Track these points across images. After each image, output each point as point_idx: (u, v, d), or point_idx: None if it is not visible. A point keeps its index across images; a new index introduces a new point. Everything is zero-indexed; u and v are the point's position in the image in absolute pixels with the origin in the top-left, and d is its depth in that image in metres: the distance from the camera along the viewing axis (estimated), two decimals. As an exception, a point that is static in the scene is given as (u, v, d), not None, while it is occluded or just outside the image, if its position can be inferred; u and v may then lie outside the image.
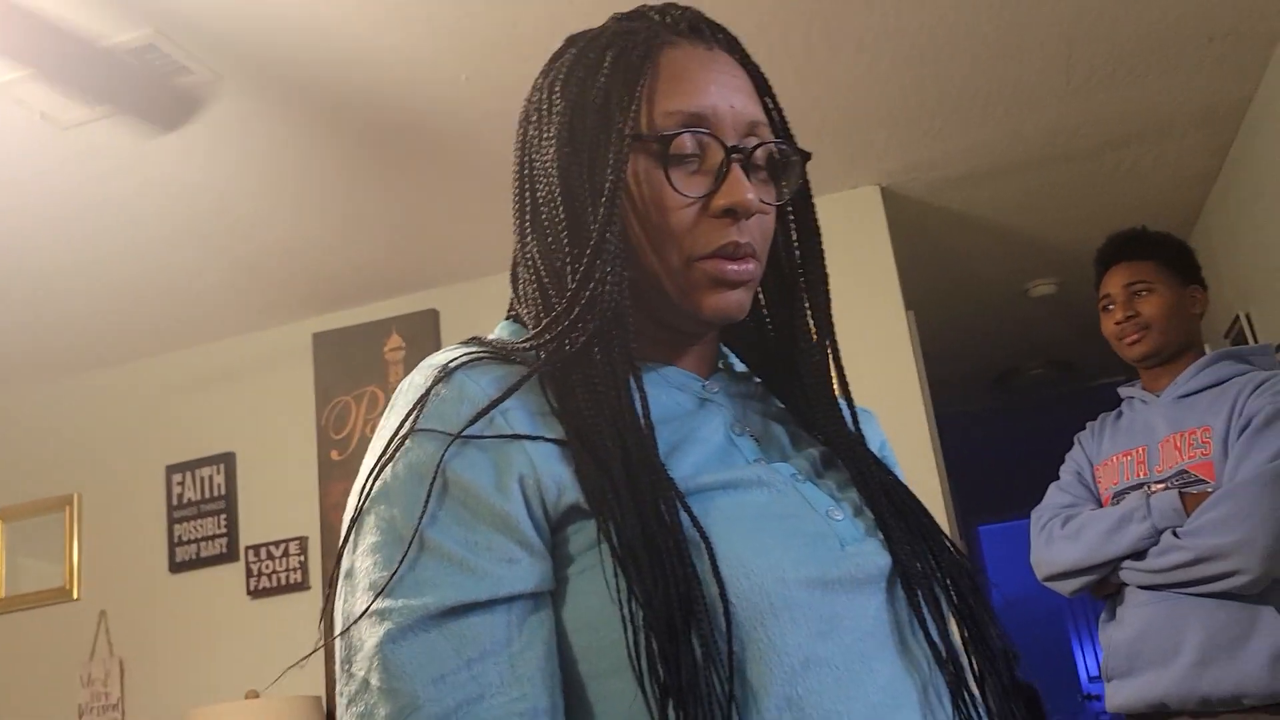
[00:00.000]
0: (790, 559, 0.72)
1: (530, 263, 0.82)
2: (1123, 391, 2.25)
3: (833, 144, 3.04)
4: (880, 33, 2.51)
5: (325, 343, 3.66)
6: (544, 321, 0.79)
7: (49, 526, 3.79)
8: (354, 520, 0.74)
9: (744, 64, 0.87)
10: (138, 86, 2.37)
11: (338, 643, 0.72)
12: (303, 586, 3.49)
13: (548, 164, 0.81)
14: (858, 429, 0.89)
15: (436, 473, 0.71)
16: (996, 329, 4.79)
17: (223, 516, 3.63)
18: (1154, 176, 3.45)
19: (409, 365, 3.52)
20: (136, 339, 3.74)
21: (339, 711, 0.71)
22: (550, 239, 0.81)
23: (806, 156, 0.87)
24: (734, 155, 0.80)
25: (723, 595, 0.68)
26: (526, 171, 0.84)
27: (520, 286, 0.85)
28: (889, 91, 2.78)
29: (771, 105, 0.89)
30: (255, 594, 3.53)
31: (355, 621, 0.70)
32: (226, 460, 3.68)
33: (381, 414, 0.80)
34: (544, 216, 0.81)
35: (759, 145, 0.83)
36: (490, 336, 0.86)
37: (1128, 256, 2.20)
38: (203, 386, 3.78)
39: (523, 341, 0.80)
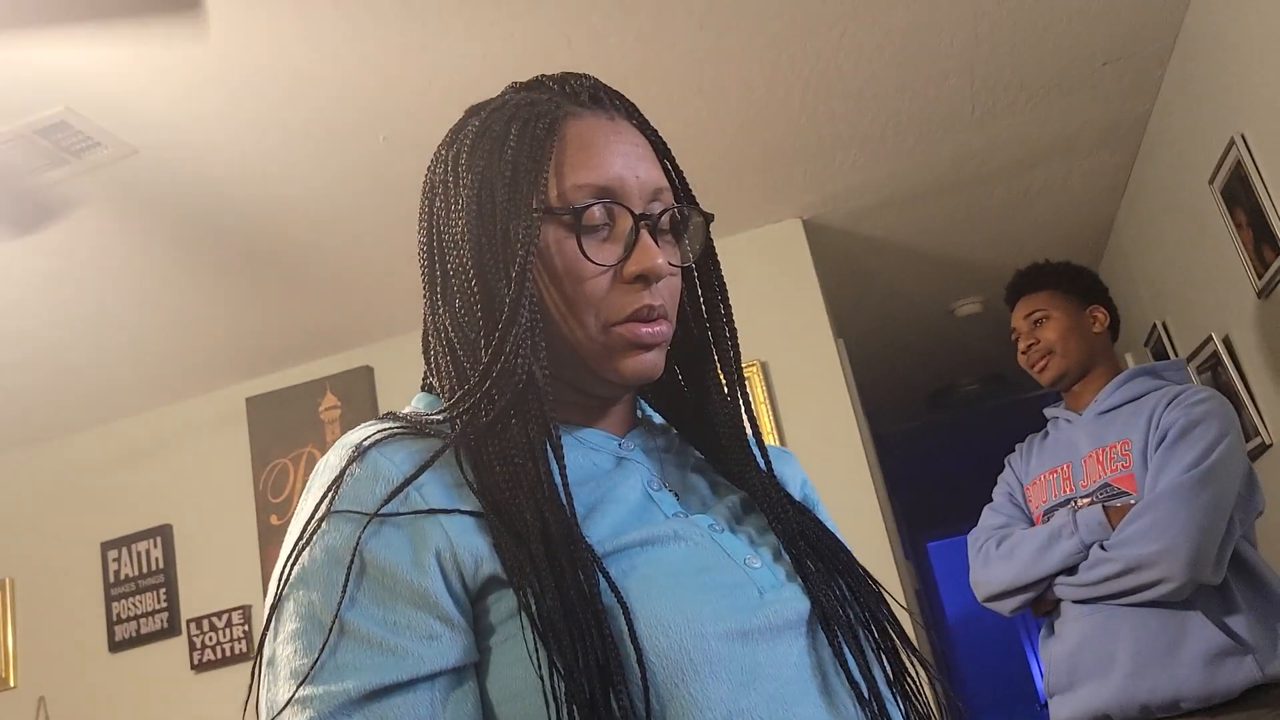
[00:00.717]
0: (708, 612, 0.73)
1: (443, 334, 0.83)
2: (1048, 412, 2.32)
3: (754, 180, 3.09)
4: (791, 71, 2.57)
5: (259, 406, 3.62)
6: (458, 394, 0.80)
7: (-19, 613, 3.68)
8: (274, 606, 0.74)
9: (643, 130, 0.90)
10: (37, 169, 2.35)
11: None
12: (247, 656, 3.42)
13: (457, 236, 0.82)
14: (772, 473, 0.91)
15: (354, 555, 0.71)
16: (927, 349, 4.88)
17: (162, 590, 3.55)
18: (1064, 194, 3.55)
19: (345, 423, 3.49)
20: (64, 413, 3.67)
21: None
22: (463, 311, 0.81)
23: (709, 218, 0.89)
24: (642, 223, 0.83)
25: (640, 657, 0.69)
26: (435, 243, 0.85)
27: (433, 358, 0.86)
28: (805, 127, 2.84)
29: (671, 168, 0.91)
30: (199, 667, 3.46)
31: (279, 713, 0.69)
32: (163, 532, 3.61)
33: None
34: (455, 288, 0.82)
35: (664, 211, 0.85)
36: (405, 410, 0.87)
37: (1027, 290, 2.32)
38: (135, 458, 3.72)
39: (437, 413, 0.81)
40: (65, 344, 3.19)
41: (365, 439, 0.78)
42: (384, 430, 0.79)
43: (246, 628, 3.45)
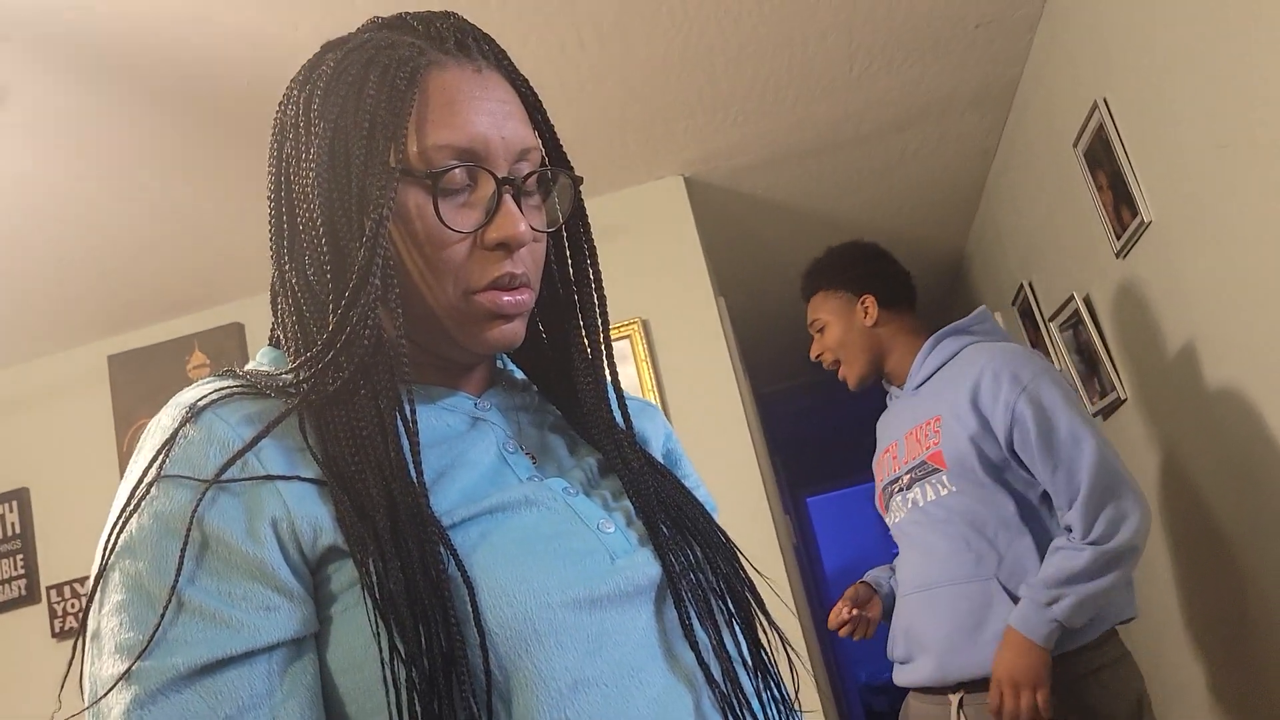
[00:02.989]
0: (556, 581, 0.72)
1: (290, 292, 0.79)
2: (886, 387, 2.39)
3: (635, 137, 3.08)
4: (671, 26, 2.55)
5: (122, 364, 3.47)
6: (303, 358, 0.77)
7: None
8: (99, 576, 0.70)
9: (513, 82, 0.85)
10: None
11: (87, 711, 0.68)
12: (114, 622, 3.31)
13: (308, 189, 0.78)
14: (632, 433, 0.90)
15: (190, 524, 0.68)
16: (803, 307, 4.95)
17: (19, 557, 3.40)
18: (938, 156, 3.63)
19: (215, 382, 3.38)
20: (-93, 373, 3.46)
21: None
22: (311, 270, 0.77)
23: (578, 180, 0.86)
24: (506, 187, 0.79)
25: (481, 631, 0.68)
26: (284, 193, 0.80)
27: (279, 314, 0.82)
28: (686, 83, 2.83)
29: (541, 121, 0.87)
30: (61, 635, 3.33)
31: (106, 692, 0.66)
32: (20, 496, 3.45)
33: None
34: (305, 244, 0.78)
35: (530, 174, 0.82)
36: (248, 366, 0.83)
37: (803, 295, 2.36)
38: (-13, 419, 3.53)
39: (282, 373, 0.78)
40: (-94, 298, 3.00)
41: (200, 399, 0.74)
42: (221, 390, 0.75)
43: (111, 593, 3.33)
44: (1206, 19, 1.97)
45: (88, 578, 3.29)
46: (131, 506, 0.70)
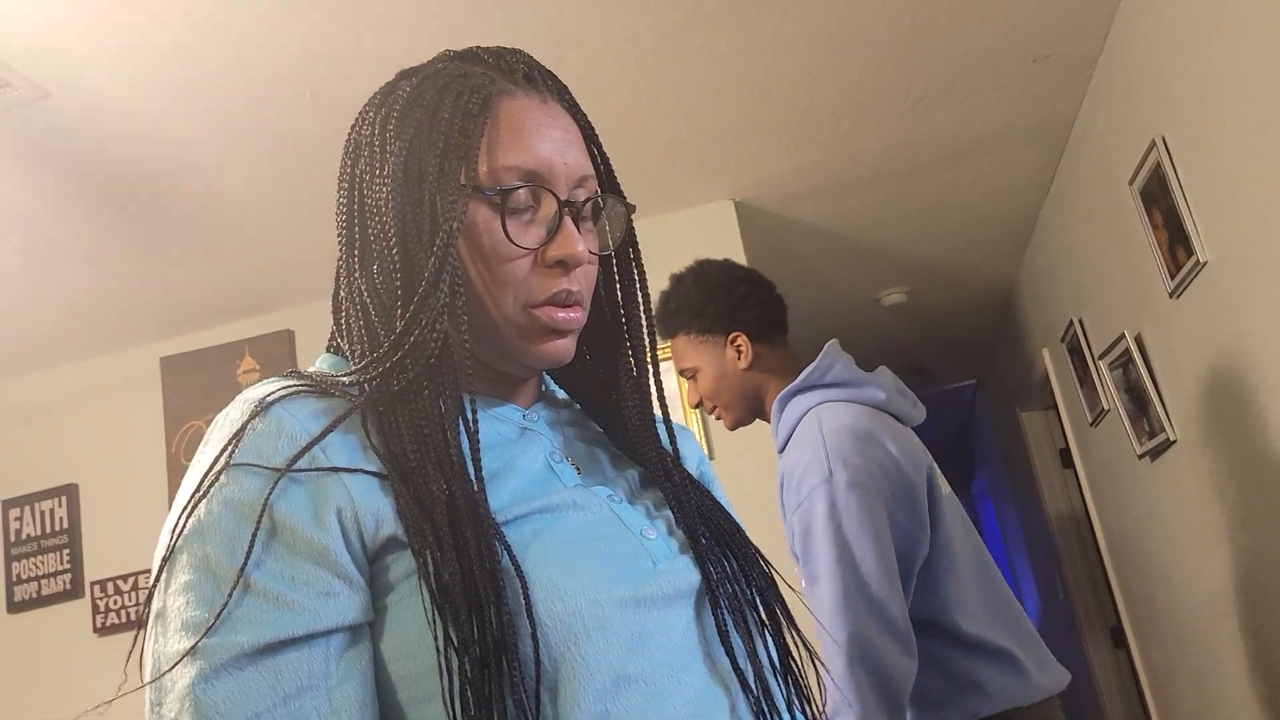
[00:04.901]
0: (603, 579, 0.76)
1: (357, 298, 0.83)
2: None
3: (687, 160, 3.09)
4: (727, 51, 2.57)
5: (174, 367, 3.53)
6: (369, 359, 0.80)
7: None
8: (166, 559, 0.73)
9: (573, 114, 0.91)
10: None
11: (148, 686, 0.70)
12: (154, 621, 3.35)
13: (381, 202, 0.82)
14: (675, 451, 0.94)
15: (263, 511, 0.71)
16: (851, 337, 4.92)
17: (65, 551, 3.46)
18: (991, 189, 3.62)
19: (263, 388, 3.43)
20: (-33, 367, 3.54)
21: None
22: (380, 278, 0.81)
23: (631, 208, 0.92)
24: (566, 209, 0.84)
25: (533, 621, 0.71)
26: (356, 207, 0.84)
27: (345, 321, 0.86)
28: (740, 109, 2.84)
29: (598, 154, 0.93)
30: (103, 630, 3.38)
31: (172, 665, 0.68)
32: (69, 492, 3.51)
33: None
34: (375, 254, 0.82)
35: (588, 199, 0.87)
36: (310, 369, 0.86)
37: (665, 335, 2.02)
38: (42, 415, 3.61)
39: (344, 375, 0.81)
40: (-30, 293, 3.08)
41: (268, 394, 0.77)
42: (288, 387, 0.79)
43: (153, 592, 3.37)
44: (1267, 61, 1.95)
45: (131, 575, 3.36)
46: (201, 493, 0.73)
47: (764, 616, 0.87)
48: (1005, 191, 3.67)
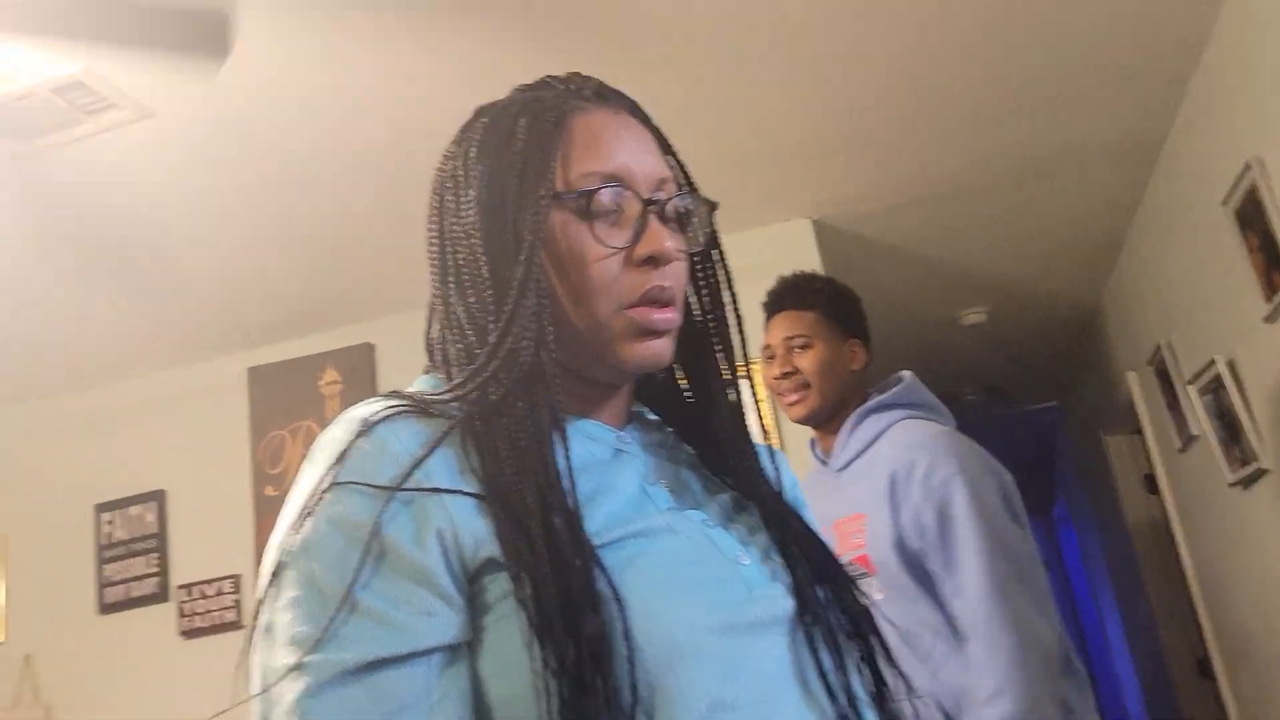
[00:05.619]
0: (699, 605, 0.76)
1: (455, 323, 0.85)
2: (811, 451, 2.13)
3: (764, 177, 3.09)
4: (808, 68, 2.56)
5: (260, 377, 3.62)
6: (466, 373, 0.82)
7: (-27, 569, 3.69)
8: (274, 574, 0.74)
9: (646, 125, 0.92)
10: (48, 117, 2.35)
11: (256, 698, 0.72)
12: (236, 626, 3.43)
13: (468, 227, 0.85)
14: (767, 475, 0.93)
15: (372, 532, 0.72)
16: (928, 357, 4.87)
17: (154, 555, 3.56)
18: (1073, 207, 3.55)
19: (345, 399, 3.50)
20: (64, 372, 3.67)
21: None
22: (474, 299, 0.83)
23: (714, 205, 0.91)
24: (650, 207, 0.85)
25: (629, 646, 0.71)
26: (445, 237, 0.87)
27: (444, 350, 0.87)
28: (818, 126, 2.83)
29: (674, 162, 0.93)
30: (188, 634, 3.47)
31: (279, 679, 0.70)
32: (158, 497, 3.62)
33: None
34: (466, 277, 0.84)
35: (669, 199, 0.87)
36: (409, 389, 0.87)
37: (790, 305, 2.05)
38: (133, 422, 3.72)
39: (442, 393, 0.82)
40: (71, 301, 3.19)
41: (372, 414, 0.79)
42: (390, 406, 0.80)
43: (237, 597, 3.46)
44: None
45: (215, 580, 3.44)
46: (306, 510, 0.74)
47: (858, 646, 0.86)
48: (1089, 210, 3.59)
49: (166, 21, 2.03)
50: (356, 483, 0.74)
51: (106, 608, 3.56)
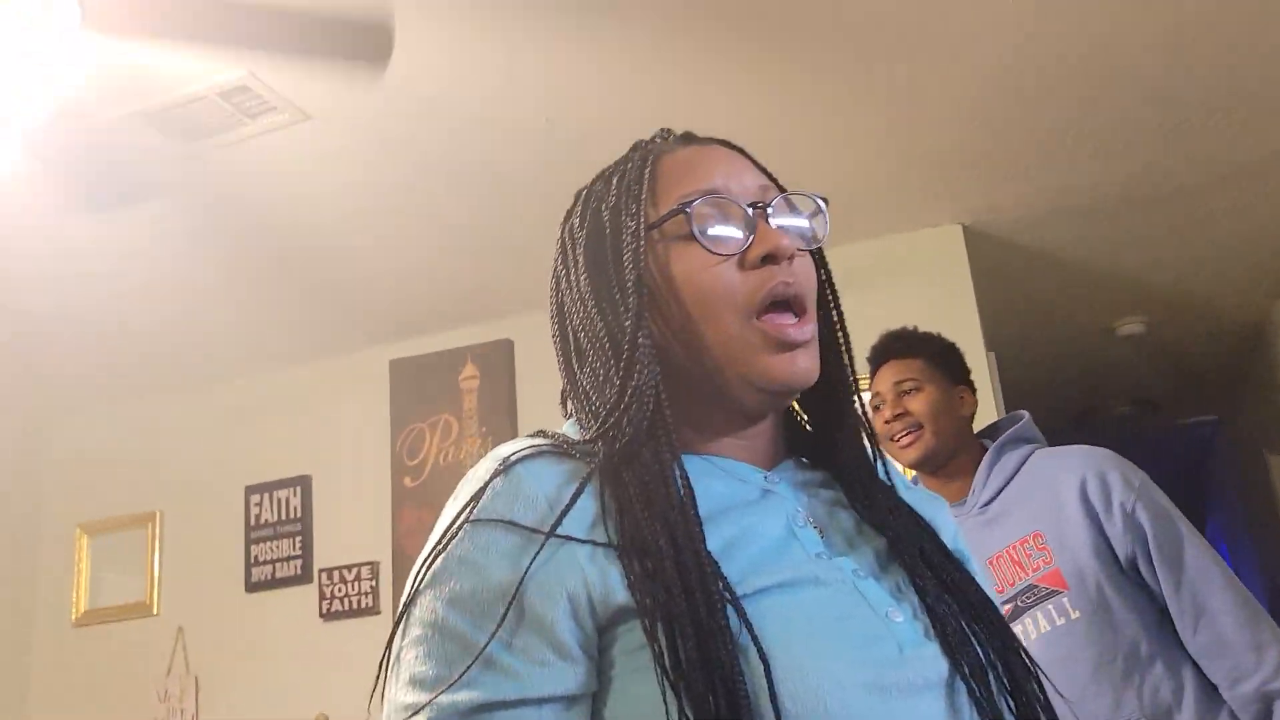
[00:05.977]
0: (846, 663, 0.72)
1: (581, 393, 0.85)
2: None
3: (916, 181, 2.99)
4: (970, 70, 2.46)
5: (402, 370, 3.70)
6: (595, 425, 0.82)
7: (131, 543, 3.88)
8: (405, 605, 0.76)
9: (743, 155, 0.91)
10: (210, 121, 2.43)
11: None
12: (373, 611, 3.52)
13: (582, 294, 0.85)
14: (902, 511, 0.89)
15: (497, 579, 0.73)
16: (1080, 367, 4.68)
17: (298, 538, 3.68)
18: (1251, 218, 3.34)
19: (483, 395, 3.54)
20: (220, 363, 3.82)
21: None
22: (596, 360, 0.83)
23: (824, 200, 0.88)
24: (756, 210, 0.83)
25: (775, 704, 0.68)
26: (563, 311, 0.88)
27: (575, 407, 0.87)
28: (976, 131, 2.73)
29: (771, 176, 0.91)
30: (327, 616, 3.58)
31: (400, 716, 0.72)
32: (303, 483, 3.73)
33: (454, 443, 0.83)
34: (585, 341, 0.84)
35: (775, 198, 0.85)
36: (555, 432, 0.87)
37: (896, 355, 2.09)
38: (282, 410, 3.85)
39: (582, 440, 0.82)
40: (229, 295, 3.32)
41: (514, 453, 0.79)
42: (532, 446, 0.80)
43: (374, 583, 3.54)
44: None
45: (355, 566, 3.54)
46: (440, 546, 0.75)
47: (1019, 709, 0.80)
48: (1264, 221, 3.37)
49: (329, 29, 2.07)
50: (490, 520, 0.74)
51: (253, 586, 3.70)
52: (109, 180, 2.62)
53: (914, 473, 2.12)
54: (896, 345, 2.11)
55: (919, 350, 2.09)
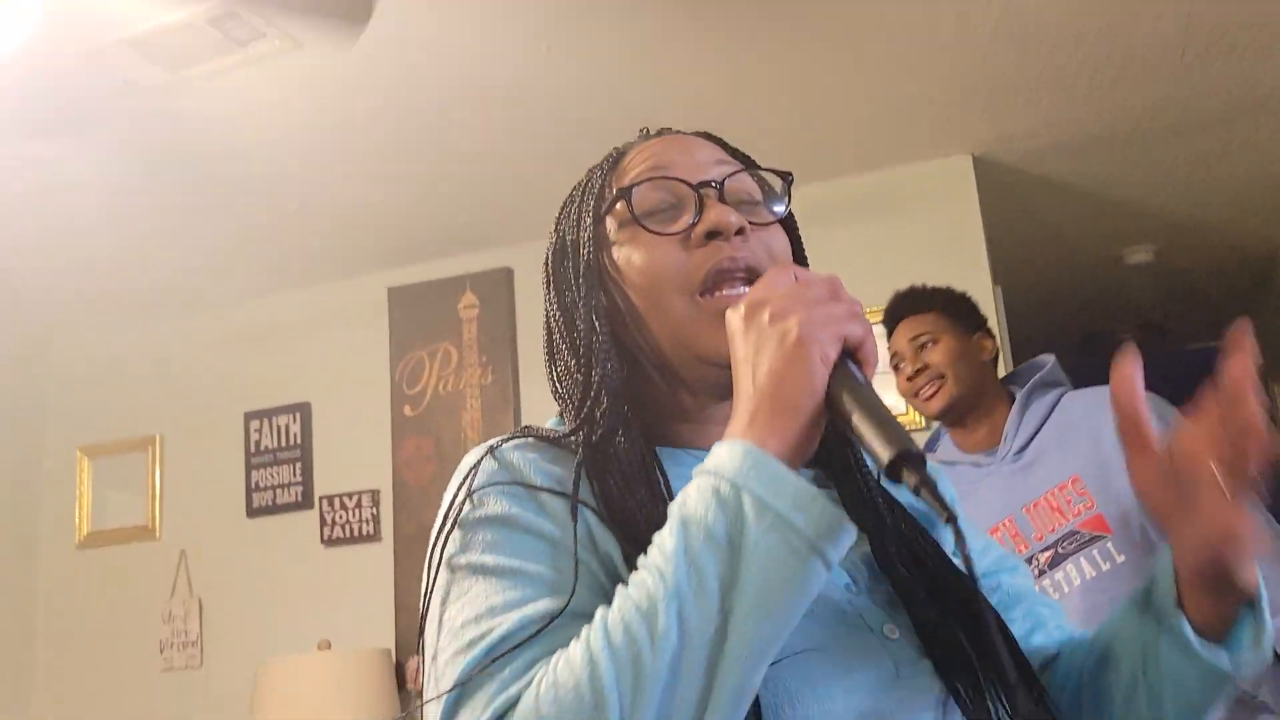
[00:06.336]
0: (840, 687, 0.70)
1: (554, 383, 0.87)
2: (941, 457, 2.09)
3: (924, 111, 2.91)
4: (986, 4, 2.37)
5: (400, 298, 3.65)
6: (572, 418, 0.82)
7: (132, 466, 3.88)
8: (429, 586, 0.75)
9: (718, 143, 0.89)
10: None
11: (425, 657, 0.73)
12: (374, 538, 3.53)
13: (548, 286, 0.87)
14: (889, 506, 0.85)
15: (504, 513, 0.73)
16: (1087, 295, 4.64)
17: (298, 465, 3.68)
18: (1270, 151, 3.26)
19: (483, 324, 3.50)
20: (219, 287, 3.77)
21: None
22: (562, 349, 0.84)
23: (788, 177, 0.86)
24: (703, 189, 0.81)
25: None
26: (548, 317, 0.87)
27: (560, 407, 0.88)
28: (990, 61, 2.64)
29: (740, 155, 0.89)
30: (329, 543, 3.59)
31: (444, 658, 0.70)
32: (302, 410, 3.72)
33: (454, 372, 0.83)
34: (554, 332, 0.85)
35: (729, 174, 0.83)
36: (538, 427, 0.86)
37: (909, 311, 2.10)
38: (281, 336, 3.81)
39: (566, 434, 0.82)
40: (225, 222, 3.26)
41: (500, 441, 0.80)
42: (515, 437, 0.81)
43: (375, 510, 3.55)
44: None
45: (355, 493, 3.54)
46: (448, 527, 0.74)
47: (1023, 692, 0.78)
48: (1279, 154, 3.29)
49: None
50: (494, 483, 0.75)
51: (254, 511, 3.71)
52: (95, 106, 2.55)
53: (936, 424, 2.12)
54: (907, 302, 2.11)
55: (931, 303, 2.09)
